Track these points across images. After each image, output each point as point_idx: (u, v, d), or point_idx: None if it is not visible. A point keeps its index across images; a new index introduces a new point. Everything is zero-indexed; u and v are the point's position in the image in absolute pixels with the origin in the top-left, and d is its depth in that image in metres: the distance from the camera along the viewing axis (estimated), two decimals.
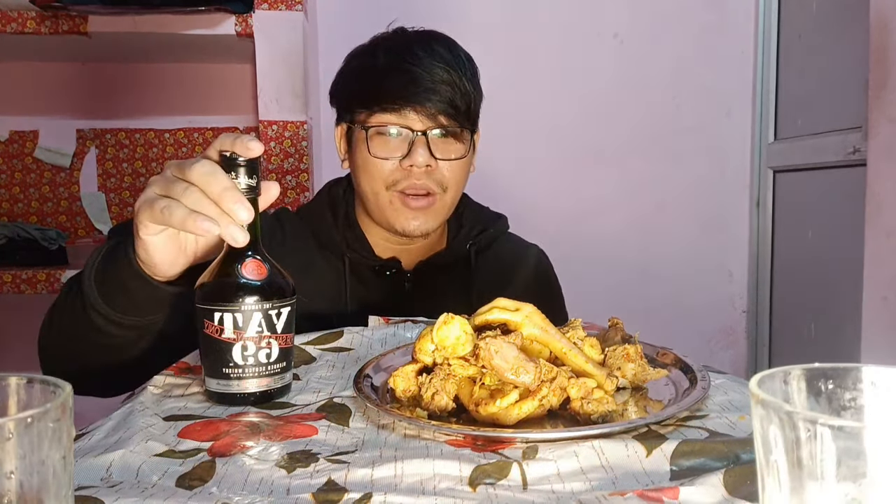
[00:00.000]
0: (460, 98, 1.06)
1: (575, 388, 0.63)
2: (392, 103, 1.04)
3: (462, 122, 1.08)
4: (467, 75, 1.08)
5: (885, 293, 1.46)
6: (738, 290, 2.26)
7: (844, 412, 0.37)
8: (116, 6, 1.67)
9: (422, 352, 0.68)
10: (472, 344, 0.66)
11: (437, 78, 1.04)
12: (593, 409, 0.62)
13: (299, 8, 1.72)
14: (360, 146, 1.08)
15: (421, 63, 1.04)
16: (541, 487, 0.51)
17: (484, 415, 0.62)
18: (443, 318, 0.67)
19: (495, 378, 0.64)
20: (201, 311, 0.70)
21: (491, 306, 0.69)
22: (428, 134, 1.05)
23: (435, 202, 1.09)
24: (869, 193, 1.49)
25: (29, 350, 1.09)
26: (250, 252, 0.72)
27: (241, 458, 0.57)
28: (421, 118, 1.05)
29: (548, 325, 0.69)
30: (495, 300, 0.70)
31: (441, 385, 0.65)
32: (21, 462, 0.33)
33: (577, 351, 0.68)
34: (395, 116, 1.05)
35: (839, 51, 1.83)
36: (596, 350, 0.72)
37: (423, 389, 0.66)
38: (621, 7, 2.16)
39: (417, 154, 1.04)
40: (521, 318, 0.68)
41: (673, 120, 2.19)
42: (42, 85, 2.07)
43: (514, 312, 0.68)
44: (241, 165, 0.71)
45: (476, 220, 1.22)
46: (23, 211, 2.09)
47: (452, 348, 0.66)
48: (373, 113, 1.06)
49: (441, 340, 0.66)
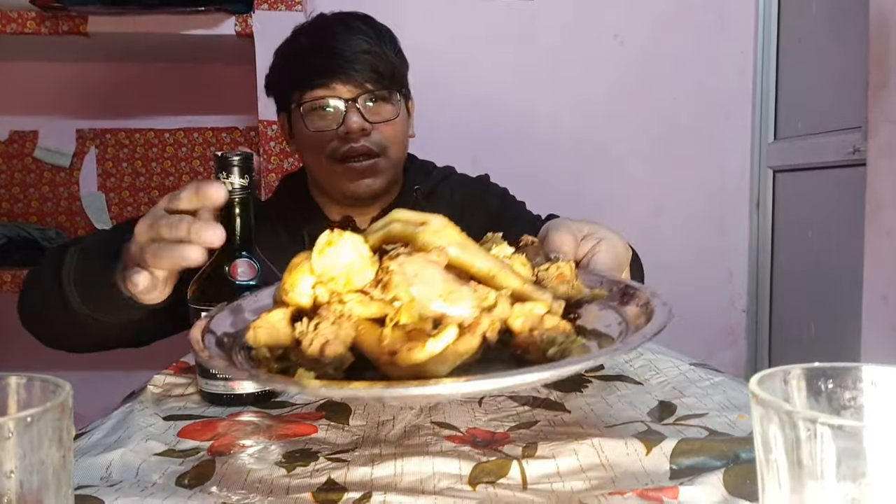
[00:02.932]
0: (382, 65, 1.12)
1: (520, 316, 0.48)
2: (320, 78, 1.11)
3: (388, 86, 1.13)
4: (387, 44, 1.14)
5: (885, 293, 1.45)
6: (737, 290, 2.25)
7: (844, 411, 0.37)
8: (116, 6, 1.67)
9: (293, 290, 0.49)
10: (372, 270, 0.48)
11: (358, 48, 1.11)
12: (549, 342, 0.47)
13: (299, 8, 1.72)
14: (298, 125, 1.15)
15: (340, 38, 1.11)
16: (540, 486, 0.51)
17: (405, 365, 0.43)
18: (325, 237, 0.48)
19: (413, 313, 0.45)
20: (192, 311, 0.70)
21: (388, 219, 0.52)
22: (358, 101, 1.11)
23: (378, 163, 1.14)
24: (869, 193, 1.49)
25: (29, 350, 1.10)
26: (243, 252, 0.72)
27: (240, 458, 0.57)
28: (348, 87, 1.11)
29: (467, 241, 0.51)
30: (392, 212, 0.53)
31: (333, 331, 0.46)
32: (21, 461, 0.33)
33: (508, 271, 0.51)
34: (325, 90, 1.11)
35: (839, 51, 1.83)
36: (527, 269, 0.56)
37: (307, 341, 0.46)
38: (621, 7, 2.15)
39: (351, 120, 1.10)
40: (430, 233, 0.50)
41: (673, 120, 2.19)
42: (42, 85, 2.07)
43: (419, 227, 0.50)
44: (235, 165, 0.71)
45: (420, 169, 1.28)
46: (22, 211, 2.09)
47: (345, 278, 0.47)
48: (304, 91, 1.12)
49: (326, 269, 0.48)
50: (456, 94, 2.03)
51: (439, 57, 2.03)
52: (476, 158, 2.00)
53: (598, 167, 2.18)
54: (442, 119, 1.92)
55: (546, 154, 2.16)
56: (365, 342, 0.46)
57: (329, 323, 0.46)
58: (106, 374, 1.74)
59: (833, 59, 1.87)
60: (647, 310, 0.52)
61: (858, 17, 1.61)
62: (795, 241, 2.06)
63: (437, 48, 2.03)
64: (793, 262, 2.08)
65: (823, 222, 1.91)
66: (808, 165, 1.96)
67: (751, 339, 2.25)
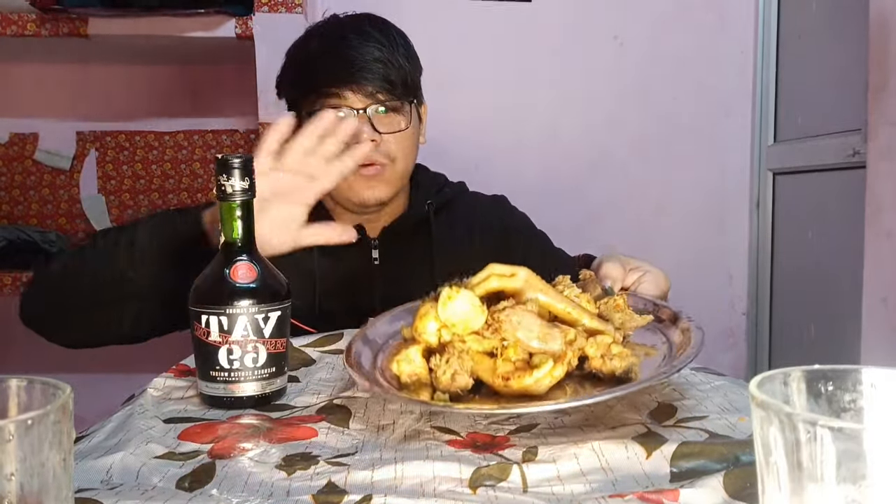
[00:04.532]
0: (395, 73, 1.11)
1: (593, 346, 0.63)
2: (331, 86, 1.10)
3: (400, 95, 1.13)
4: (400, 51, 1.13)
5: (885, 295, 1.46)
6: (737, 292, 2.25)
7: (844, 414, 0.37)
8: (116, 8, 1.67)
9: (425, 332, 0.64)
10: (483, 316, 0.63)
11: (370, 57, 1.10)
12: (616, 366, 0.62)
13: (299, 10, 1.72)
14: None
15: (353, 45, 1.10)
16: (541, 490, 0.51)
17: (515, 388, 0.60)
18: (445, 293, 0.63)
19: (519, 350, 0.61)
20: (191, 313, 0.71)
21: (486, 274, 0.67)
22: (368, 111, 1.10)
23: (385, 171, 1.13)
24: (869, 195, 1.49)
25: (29, 351, 1.10)
26: (244, 255, 0.72)
27: (241, 461, 0.57)
28: (359, 97, 1.10)
29: (547, 287, 0.66)
30: (488, 266, 0.67)
31: (459, 364, 0.62)
32: (21, 464, 0.33)
33: (580, 310, 0.66)
34: (336, 98, 1.11)
35: (839, 52, 1.84)
36: (592, 305, 0.70)
37: (440, 372, 0.62)
38: (621, 8, 2.16)
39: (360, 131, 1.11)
40: (521, 283, 0.65)
41: (673, 120, 2.19)
42: (42, 87, 2.07)
43: (510, 278, 0.66)
44: (235, 168, 0.71)
45: (433, 182, 1.27)
46: (23, 213, 2.09)
47: (463, 324, 0.62)
48: (316, 99, 1.12)
49: (448, 317, 0.62)
50: (456, 95, 2.03)
51: (439, 59, 2.02)
52: (477, 161, 2.00)
53: (598, 168, 2.18)
54: (443, 121, 1.92)
55: (546, 155, 2.16)
56: (480, 371, 0.62)
57: (455, 358, 0.62)
58: (106, 376, 1.74)
59: (833, 61, 1.87)
60: (686, 333, 0.69)
61: (858, 17, 1.61)
62: (795, 244, 2.06)
63: (436, 50, 2.03)
64: (793, 264, 2.08)
65: (823, 225, 1.91)
66: (807, 167, 1.97)
67: (751, 341, 2.25)
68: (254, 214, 0.73)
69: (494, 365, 0.62)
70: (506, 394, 0.60)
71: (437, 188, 1.26)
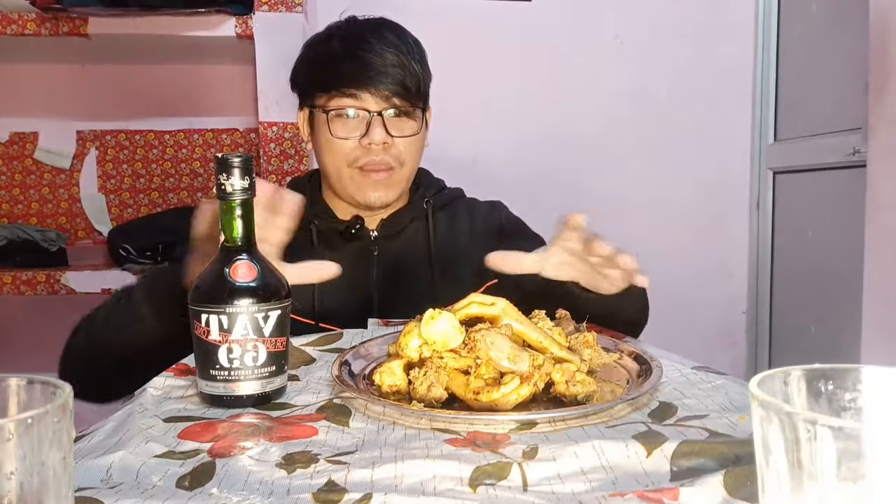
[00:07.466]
0: (410, 79, 1.15)
1: (559, 372, 0.69)
2: (348, 87, 1.14)
3: (413, 101, 1.17)
4: (415, 58, 1.17)
5: (886, 294, 1.46)
6: (738, 291, 2.26)
7: (844, 413, 0.37)
8: (116, 8, 1.67)
9: (408, 348, 0.71)
10: (460, 336, 0.69)
11: (388, 62, 1.13)
12: (578, 391, 0.68)
13: (299, 9, 1.72)
14: (321, 128, 1.17)
15: (373, 49, 1.13)
16: (541, 488, 0.51)
17: (484, 402, 0.65)
18: (429, 314, 0.69)
19: (491, 368, 0.67)
20: (191, 312, 0.71)
21: (468, 301, 0.73)
22: (383, 114, 1.14)
23: (393, 175, 1.18)
24: (869, 194, 1.49)
25: (29, 350, 1.10)
26: (244, 254, 0.72)
27: (241, 459, 0.57)
28: (376, 99, 1.14)
29: (521, 317, 0.73)
30: (470, 296, 0.74)
31: (435, 377, 0.68)
32: (21, 463, 0.33)
33: (551, 340, 0.73)
34: (352, 99, 1.14)
35: (839, 52, 1.84)
36: (563, 338, 0.76)
37: (418, 383, 0.68)
38: (621, 8, 2.16)
39: (374, 133, 1.13)
40: (499, 311, 0.72)
41: (673, 121, 2.19)
42: (42, 86, 2.07)
43: (490, 307, 0.73)
44: (235, 167, 0.71)
45: (433, 184, 1.31)
46: (23, 212, 2.09)
47: (442, 342, 0.69)
48: (332, 97, 1.15)
49: (430, 335, 0.69)
50: (456, 94, 2.03)
51: (439, 57, 2.02)
52: (476, 159, 2.00)
53: (598, 168, 2.18)
54: (442, 120, 1.92)
55: (546, 155, 2.16)
56: (454, 385, 0.69)
57: (433, 372, 0.68)
58: None
59: (833, 60, 1.87)
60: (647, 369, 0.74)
61: (858, 18, 1.61)
62: (795, 243, 2.06)
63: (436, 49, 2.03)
64: (793, 263, 2.08)
65: (823, 224, 1.91)
66: (807, 167, 1.97)
67: (751, 340, 2.25)
68: (254, 213, 0.73)
69: (467, 381, 0.68)
70: (476, 407, 0.66)
71: (436, 189, 1.29)
